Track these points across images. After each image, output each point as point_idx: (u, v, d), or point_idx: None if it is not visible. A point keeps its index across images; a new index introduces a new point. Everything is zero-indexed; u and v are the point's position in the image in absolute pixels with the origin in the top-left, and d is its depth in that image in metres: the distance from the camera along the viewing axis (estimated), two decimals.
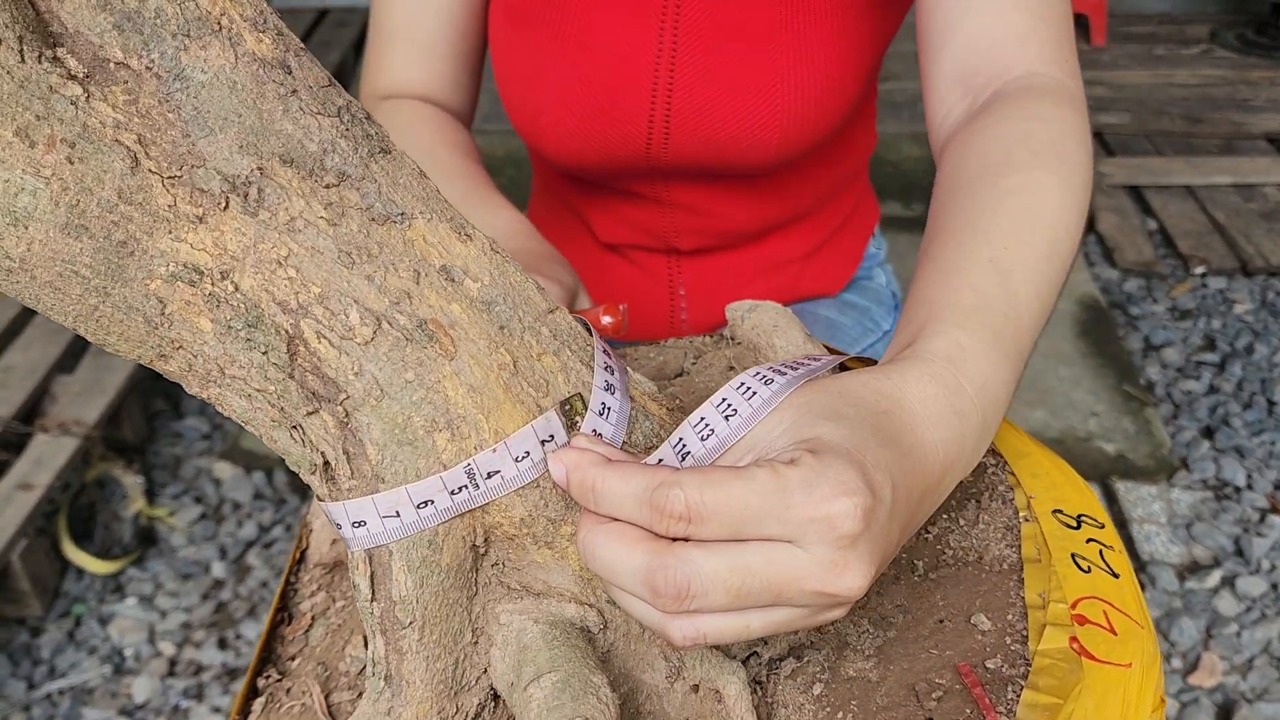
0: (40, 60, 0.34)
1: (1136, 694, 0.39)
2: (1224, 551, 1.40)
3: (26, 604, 1.30)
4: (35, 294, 0.35)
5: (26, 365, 1.52)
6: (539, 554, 0.37)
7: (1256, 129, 2.35)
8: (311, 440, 0.36)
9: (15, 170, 0.33)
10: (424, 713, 0.36)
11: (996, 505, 0.47)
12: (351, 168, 0.37)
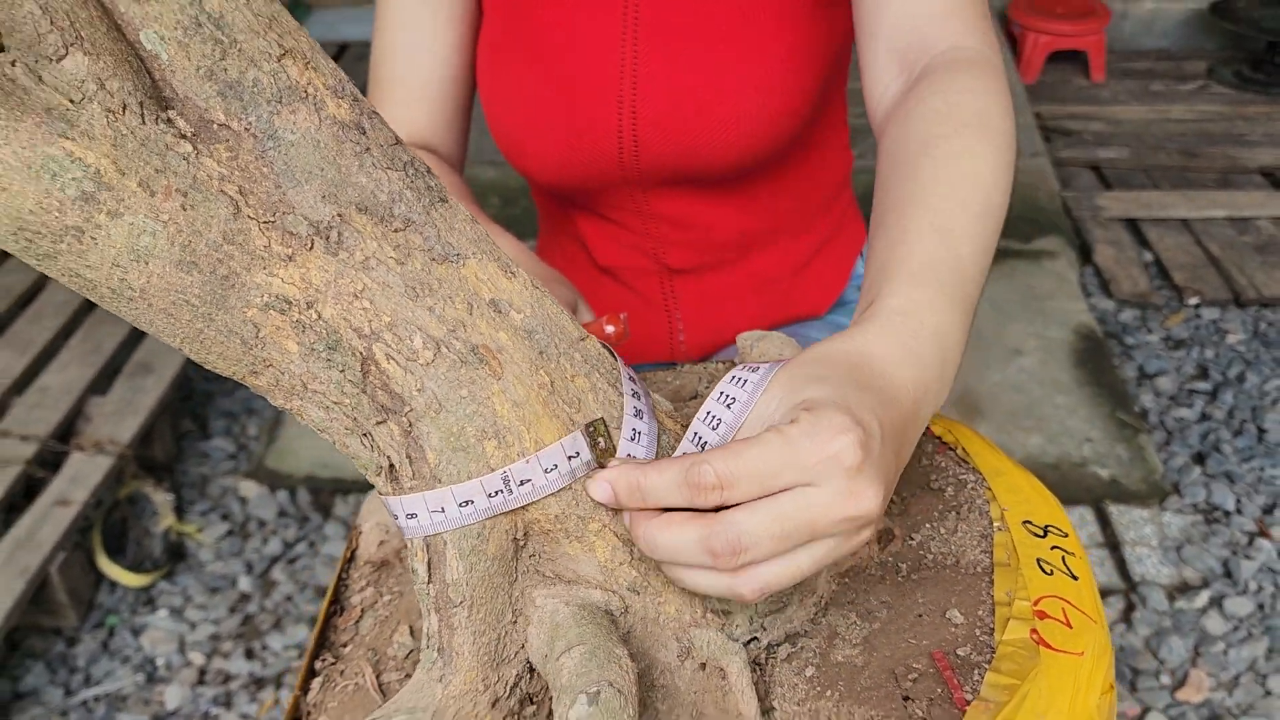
0: (156, 122, 0.40)
1: (1087, 679, 0.44)
2: (1213, 573, 1.45)
3: (63, 615, 1.36)
4: (151, 319, 0.42)
5: (62, 386, 1.58)
6: (570, 547, 0.43)
7: (1251, 163, 2.41)
8: (379, 446, 0.42)
9: (139, 215, 0.39)
10: (470, 680, 0.42)
11: (974, 516, 0.52)
12: (415, 215, 0.43)
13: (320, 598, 1.42)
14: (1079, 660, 0.45)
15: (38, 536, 1.33)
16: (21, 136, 0.37)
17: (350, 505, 1.56)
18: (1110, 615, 1.39)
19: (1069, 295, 1.98)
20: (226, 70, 0.41)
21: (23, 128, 0.37)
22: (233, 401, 1.78)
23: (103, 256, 0.39)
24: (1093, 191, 2.32)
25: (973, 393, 1.76)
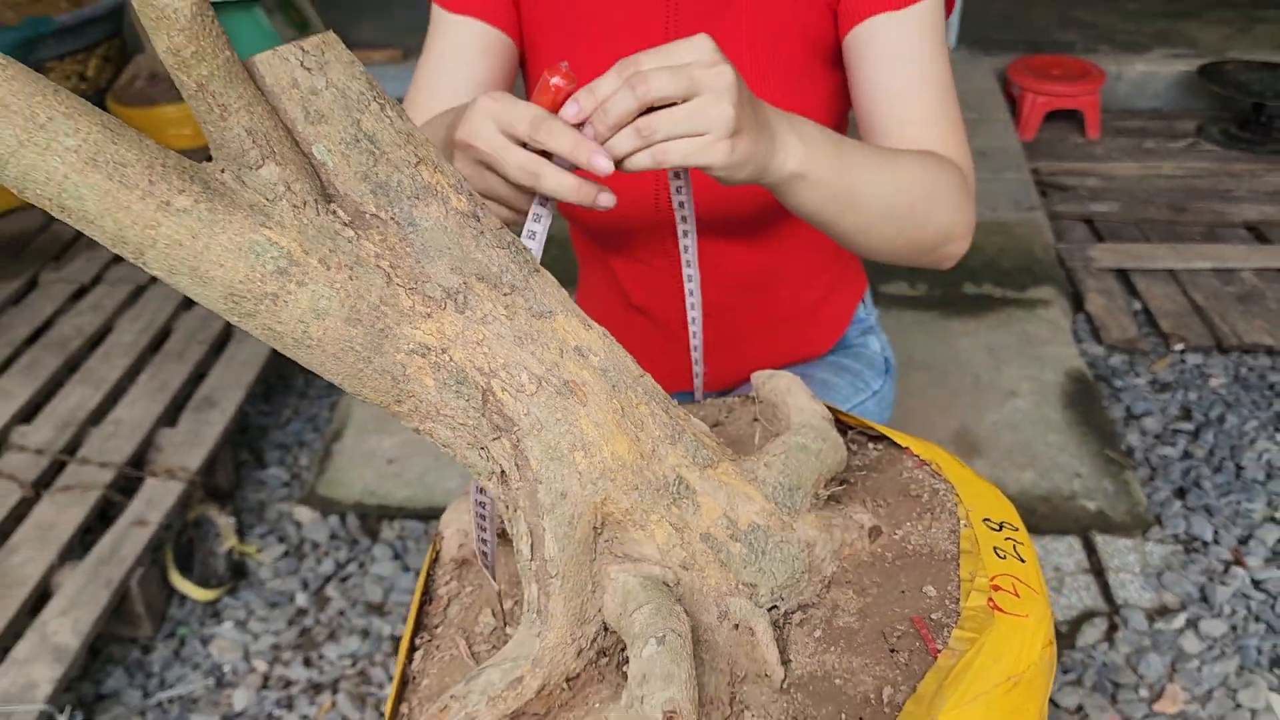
0: (327, 213, 0.55)
1: (1031, 635, 0.58)
2: (1190, 597, 1.57)
3: (140, 625, 1.50)
4: (322, 362, 0.56)
5: (133, 420, 1.73)
6: (635, 534, 0.57)
7: (1236, 218, 2.55)
8: (494, 457, 0.56)
9: (318, 284, 0.54)
10: (561, 636, 0.56)
11: (944, 516, 0.66)
12: (518, 282, 0.58)
13: (370, 613, 1.56)
14: (1024, 621, 0.58)
15: (119, 554, 1.47)
16: (234, 226, 0.51)
17: (395, 530, 1.70)
18: (1094, 635, 1.52)
19: (1062, 341, 2.12)
20: (377, 174, 0.56)
21: (234, 219, 0.52)
22: (285, 435, 1.93)
23: (291, 315, 0.54)
24: (1085, 243, 2.47)
25: (971, 431, 1.89)
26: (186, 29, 0.50)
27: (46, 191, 0.48)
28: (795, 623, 0.60)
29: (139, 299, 2.08)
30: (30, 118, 0.46)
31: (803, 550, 0.60)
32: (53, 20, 2.53)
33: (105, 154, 0.48)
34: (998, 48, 3.27)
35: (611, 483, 0.56)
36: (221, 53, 0.51)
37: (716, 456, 0.60)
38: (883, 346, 1.19)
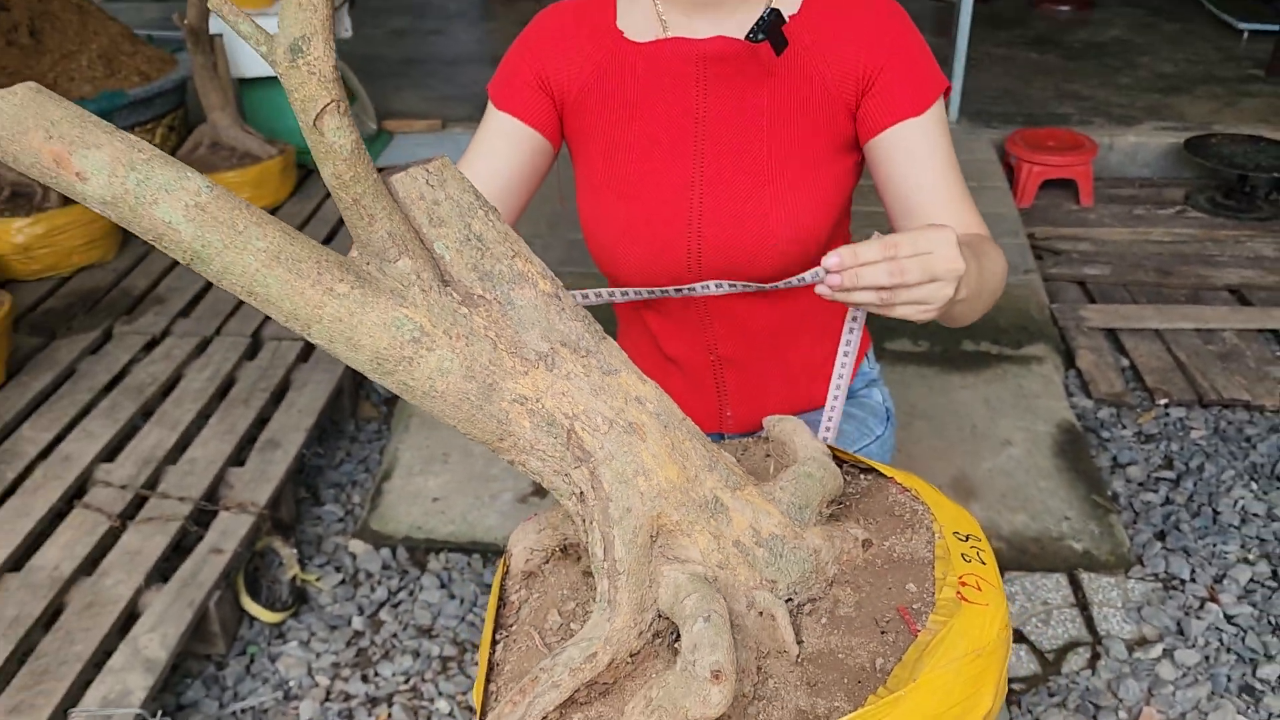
0: (446, 295, 0.73)
1: (990, 619, 0.74)
2: (1167, 630, 1.72)
3: (215, 644, 1.66)
4: (443, 409, 0.74)
5: (206, 459, 1.91)
6: (683, 540, 0.75)
7: (1219, 281, 2.73)
8: (575, 482, 0.74)
9: (443, 350, 0.72)
10: (626, 621, 0.73)
11: (922, 530, 0.83)
12: (591, 346, 0.76)
13: (420, 635, 1.72)
14: (985, 609, 0.75)
15: (198, 578, 1.64)
16: (379, 306, 0.70)
17: (441, 561, 1.87)
18: (1078, 662, 1.67)
19: (1053, 395, 2.29)
20: (483, 265, 0.75)
21: (379, 301, 0.70)
22: (339, 475, 2.11)
23: (422, 373, 0.72)
24: (1078, 304, 2.65)
25: (968, 477, 2.05)
26: (347, 160, 0.68)
27: (240, 281, 0.67)
28: (806, 612, 0.77)
29: (205, 350, 2.27)
30: (231, 226, 0.65)
31: (811, 555, 0.77)
32: (125, 94, 2.77)
33: (285, 252, 0.67)
34: (998, 120, 3.48)
35: (665, 501, 0.73)
36: (371, 175, 0.70)
37: (743, 481, 0.78)
38: (884, 398, 1.36)
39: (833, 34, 1.05)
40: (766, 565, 0.76)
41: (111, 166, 0.62)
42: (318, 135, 0.66)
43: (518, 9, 5.02)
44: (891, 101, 1.02)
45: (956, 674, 0.71)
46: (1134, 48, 4.35)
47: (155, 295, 2.48)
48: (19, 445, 1.94)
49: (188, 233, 0.64)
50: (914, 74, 1.03)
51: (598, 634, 0.73)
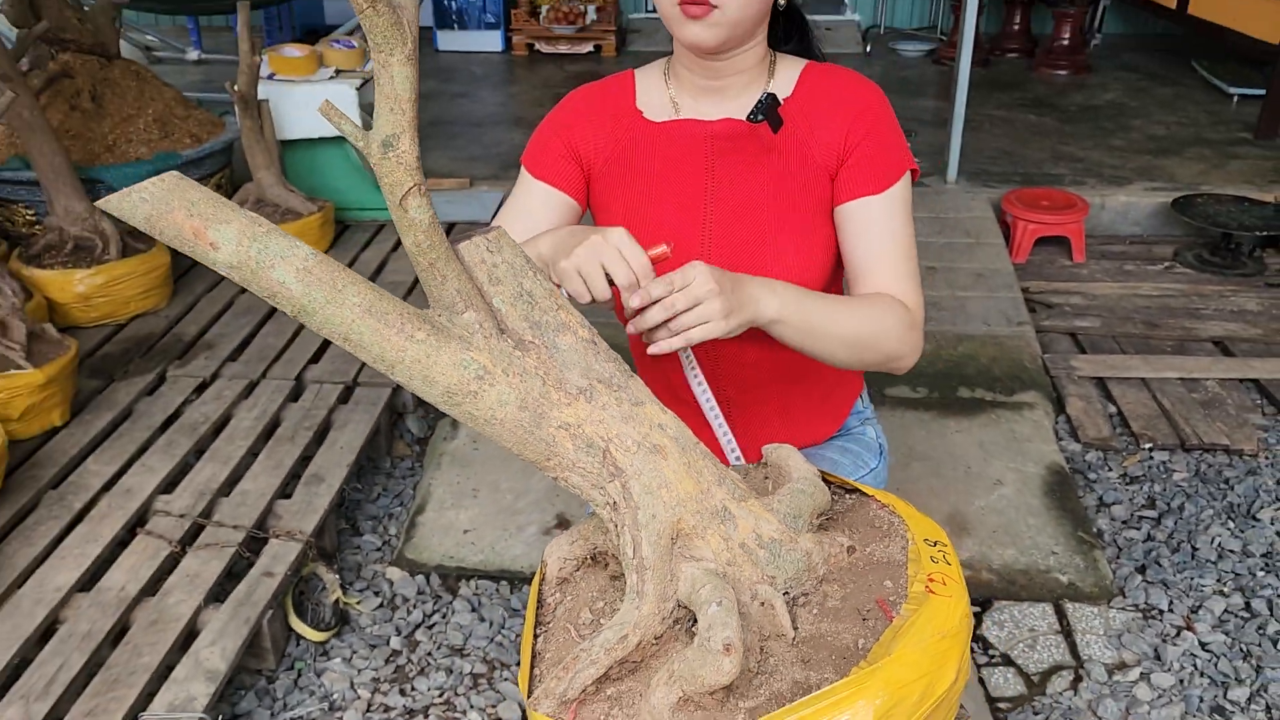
0: (503, 341, 0.90)
1: (953, 608, 0.89)
2: (1145, 655, 1.85)
3: (265, 659, 1.81)
4: (501, 434, 0.91)
5: (256, 492, 2.08)
6: (698, 541, 0.90)
7: (1204, 334, 2.88)
8: (609, 493, 0.90)
9: (501, 385, 0.88)
10: (652, 608, 0.88)
11: (897, 538, 0.98)
12: (622, 383, 0.93)
13: (452, 654, 1.86)
14: (949, 600, 0.90)
15: (252, 598, 1.80)
16: (449, 350, 0.86)
17: (472, 587, 2.02)
18: (1062, 684, 1.80)
19: (1044, 439, 2.43)
20: (532, 316, 0.92)
21: (450, 346, 0.86)
22: (376, 508, 2.27)
23: (485, 405, 0.88)
24: (1068, 354, 2.80)
25: (961, 514, 2.20)
26: (425, 231, 0.85)
27: (339, 330, 0.83)
28: (800, 603, 0.93)
29: (252, 392, 2.45)
30: (332, 285, 0.82)
31: (804, 556, 0.93)
32: (179, 155, 2.98)
33: (375, 307, 0.83)
34: (995, 180, 3.67)
35: (683, 509, 0.89)
36: (443, 243, 0.87)
37: (746, 494, 0.94)
38: (878, 434, 1.52)
39: (821, 113, 1.22)
40: (767, 564, 0.92)
41: (238, 238, 0.79)
42: (402, 212, 0.83)
43: (539, 74, 5.27)
44: (859, 177, 1.20)
45: (925, 651, 0.86)
46: (1128, 111, 4.55)
47: (205, 341, 2.66)
48: (84, 478, 2.11)
49: (298, 291, 0.81)
50: (882, 156, 1.20)
51: (628, 619, 0.89)
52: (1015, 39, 5.70)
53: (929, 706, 0.86)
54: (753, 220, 1.26)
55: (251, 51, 2.93)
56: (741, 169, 1.25)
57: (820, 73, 1.26)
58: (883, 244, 1.20)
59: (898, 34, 5.99)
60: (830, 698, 0.82)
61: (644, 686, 0.88)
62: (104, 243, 2.68)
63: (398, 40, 0.75)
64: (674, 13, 1.13)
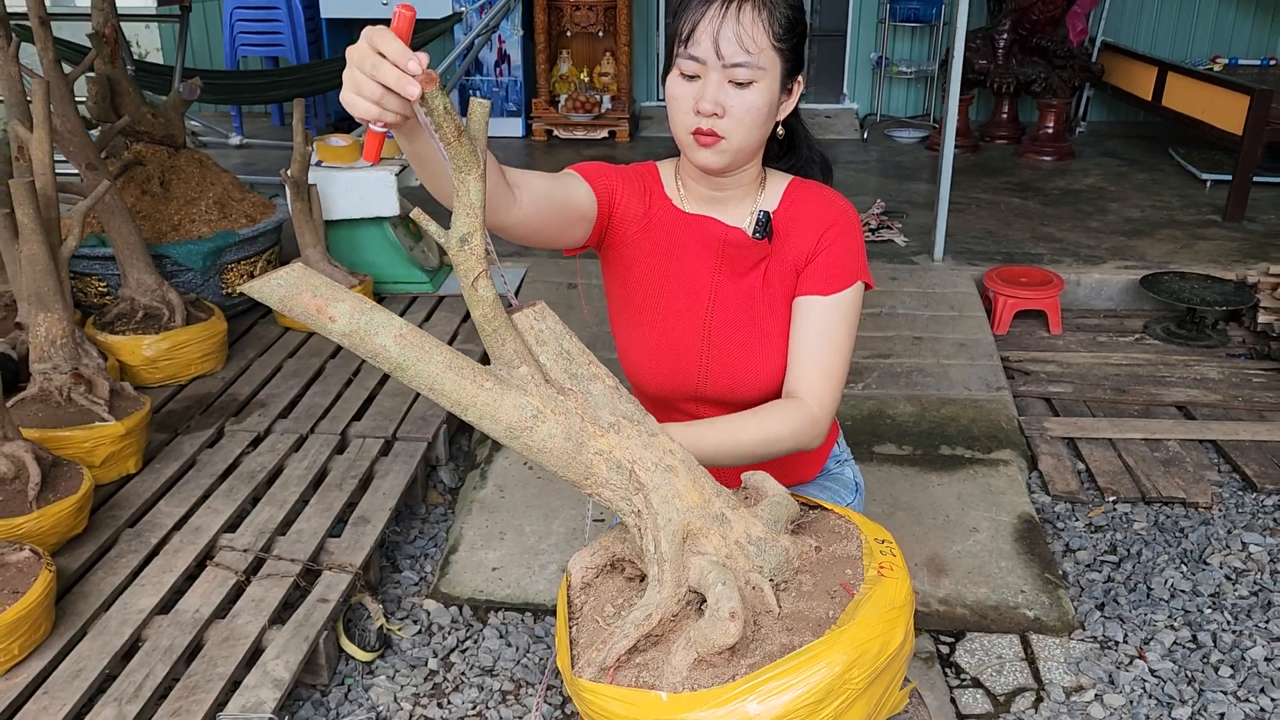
0: (550, 388, 1.18)
1: (899, 586, 1.15)
2: (1100, 680, 2.08)
3: (320, 675, 2.06)
4: (549, 460, 1.17)
5: (310, 531, 2.34)
6: (704, 539, 1.16)
7: (1168, 399, 3.15)
8: (634, 504, 1.16)
9: (551, 422, 1.16)
10: (670, 593, 1.14)
11: (853, 540, 1.24)
12: (640, 419, 1.20)
13: (483, 674, 2.10)
14: (895, 580, 1.15)
15: (310, 620, 2.05)
16: (510, 396, 1.14)
17: (500, 618, 2.26)
18: (1024, 704, 2.03)
19: (1017, 492, 2.69)
20: (570, 369, 1.20)
21: (509, 393, 1.14)
22: (414, 549, 2.53)
23: (538, 437, 1.15)
24: (1042, 417, 3.07)
25: (940, 557, 2.44)
26: (490, 306, 1.13)
27: (426, 382, 1.11)
28: (780, 589, 1.19)
29: (302, 446, 2.72)
30: (420, 348, 1.10)
31: (784, 551, 1.19)
32: (235, 234, 3.30)
33: (453, 364, 1.11)
34: (979, 258, 3.97)
35: (691, 515, 1.16)
36: (503, 315, 1.15)
37: (738, 504, 1.20)
38: (855, 474, 1.78)
39: (799, 224, 1.50)
40: (756, 556, 1.18)
41: (350, 313, 1.07)
42: (473, 291, 1.12)
43: (558, 157, 5.64)
44: (813, 278, 1.46)
45: (880, 618, 1.12)
46: (1107, 195, 4.88)
47: (258, 400, 2.95)
48: (158, 518, 2.37)
49: (395, 352, 1.09)
50: (837, 265, 1.46)
51: (652, 602, 1.15)
52: (1004, 127, 6.07)
53: (885, 660, 1.12)
54: (749, 312, 1.52)
55: (305, 143, 3.27)
56: (742, 269, 1.52)
57: (804, 189, 1.52)
58: (817, 340, 1.44)
59: (893, 121, 6.37)
60: (810, 653, 1.08)
61: (665, 654, 1.14)
62: (170, 312, 2.99)
63: (474, 164, 1.04)
64: (688, 139, 1.39)
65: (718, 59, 1.33)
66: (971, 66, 5.57)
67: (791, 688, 1.05)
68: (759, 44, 1.33)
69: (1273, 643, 2.18)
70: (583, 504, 2.62)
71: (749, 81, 1.34)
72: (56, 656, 1.92)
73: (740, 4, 1.32)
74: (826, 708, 1.07)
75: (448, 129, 0.99)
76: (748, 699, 1.05)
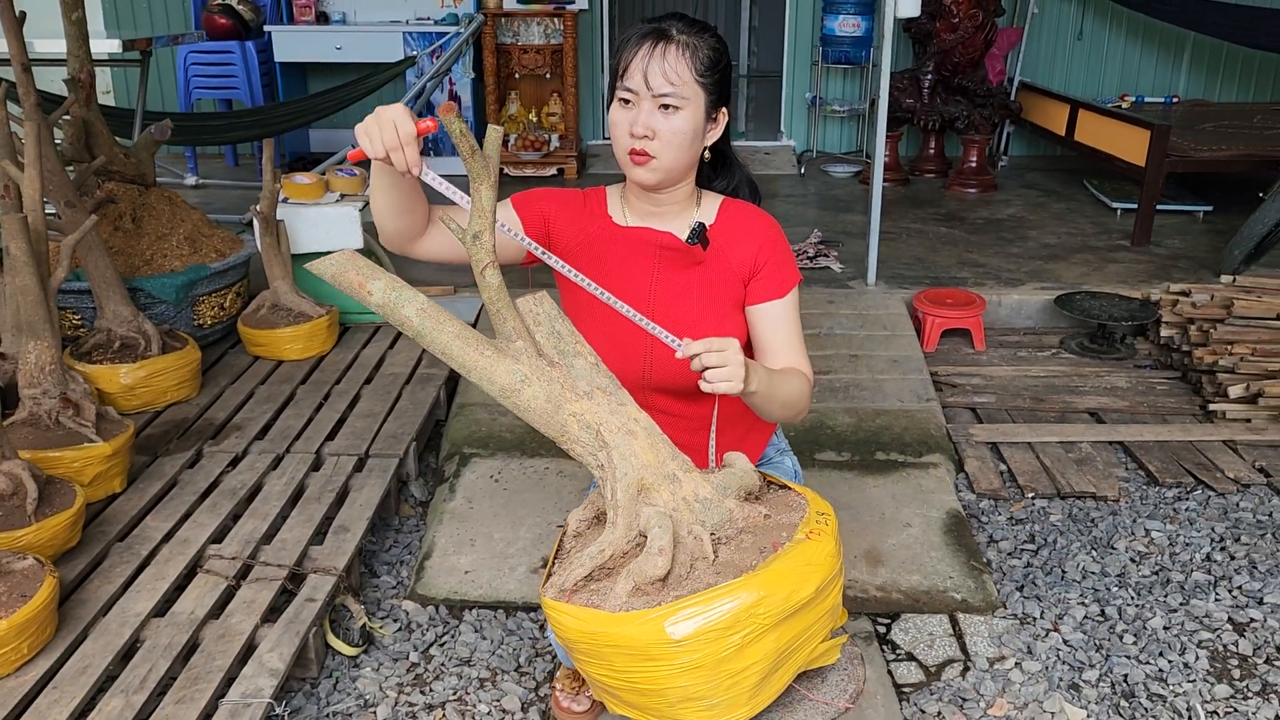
0: (540, 359, 1.39)
1: (820, 549, 1.36)
2: (1019, 650, 2.32)
3: (310, 668, 2.21)
4: (533, 417, 1.39)
5: (293, 540, 2.50)
6: (654, 495, 1.37)
7: (1081, 406, 3.43)
8: (600, 459, 1.37)
9: (536, 388, 1.37)
10: (621, 534, 1.35)
11: (799, 511, 1.45)
12: (612, 390, 1.42)
13: (461, 664, 2.27)
14: (819, 544, 1.37)
15: (300, 617, 2.21)
16: (505, 364, 1.36)
17: (474, 615, 2.44)
18: (953, 673, 2.25)
19: (945, 491, 2.93)
20: (558, 346, 1.42)
21: (504, 361, 1.37)
22: (390, 556, 2.69)
23: (524, 398, 1.38)
24: (968, 424, 3.33)
25: (877, 549, 2.67)
26: (496, 290, 1.35)
27: (439, 347, 1.32)
28: (722, 543, 1.40)
29: (279, 465, 2.88)
30: (437, 320, 1.32)
31: (728, 512, 1.40)
32: (207, 267, 3.46)
33: (461, 334, 1.33)
34: (909, 282, 4.26)
35: (646, 471, 1.37)
36: (506, 297, 1.37)
37: (691, 468, 1.41)
38: (794, 464, 2.00)
39: (736, 238, 1.74)
40: (700, 512, 1.39)
41: (384, 289, 1.28)
42: (482, 278, 1.33)
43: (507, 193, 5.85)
44: (767, 286, 1.71)
45: (792, 569, 1.34)
46: (1026, 223, 5.23)
47: (234, 424, 3.10)
48: (146, 532, 2.52)
49: (416, 322, 1.30)
50: (780, 272, 1.72)
51: (606, 540, 1.36)
52: (932, 161, 6.43)
53: (793, 605, 1.33)
54: (684, 309, 1.75)
55: (274, 179, 3.45)
56: (678, 273, 1.76)
57: (735, 207, 1.78)
58: (788, 334, 1.72)
59: (828, 157, 6.71)
60: (725, 589, 1.29)
61: (613, 584, 1.34)
62: (146, 341, 3.13)
63: (486, 175, 1.26)
64: (625, 159, 1.65)
65: (647, 89, 1.58)
66: (899, 105, 5.92)
67: (705, 614, 1.27)
68: (682, 77, 1.59)
69: (1170, 614, 2.43)
70: (547, 513, 2.81)
71: (675, 108, 1.60)
72: (62, 656, 2.06)
73: (665, 45, 1.59)
74: (735, 634, 1.28)
75: (463, 147, 1.20)
76: (668, 619, 1.26)
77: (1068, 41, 6.79)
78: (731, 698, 1.31)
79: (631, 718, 1.39)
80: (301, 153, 6.65)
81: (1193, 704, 2.14)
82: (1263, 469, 3.07)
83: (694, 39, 1.62)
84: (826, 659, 1.47)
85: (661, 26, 1.63)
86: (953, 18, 5.80)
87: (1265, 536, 2.75)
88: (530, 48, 6.27)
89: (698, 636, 1.26)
